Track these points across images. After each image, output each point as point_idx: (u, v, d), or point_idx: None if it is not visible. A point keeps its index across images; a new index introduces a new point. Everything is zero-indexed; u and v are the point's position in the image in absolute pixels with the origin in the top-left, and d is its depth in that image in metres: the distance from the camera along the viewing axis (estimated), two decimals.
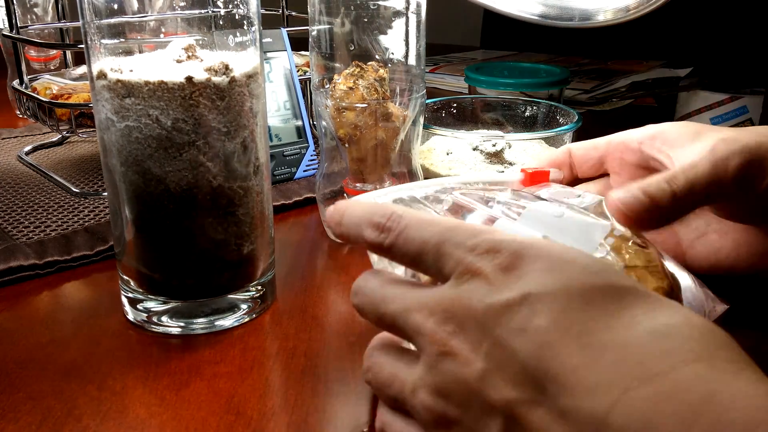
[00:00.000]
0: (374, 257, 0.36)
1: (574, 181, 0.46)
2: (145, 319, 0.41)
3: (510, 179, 0.43)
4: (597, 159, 0.44)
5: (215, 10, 0.38)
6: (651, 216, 0.34)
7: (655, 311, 0.23)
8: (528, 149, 0.60)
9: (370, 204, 0.30)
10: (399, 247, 0.28)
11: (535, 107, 0.67)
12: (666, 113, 0.83)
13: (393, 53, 0.49)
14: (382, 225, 0.28)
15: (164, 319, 0.40)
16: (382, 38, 0.49)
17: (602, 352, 0.22)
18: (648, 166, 0.42)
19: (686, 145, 0.38)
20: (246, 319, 0.41)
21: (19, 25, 0.67)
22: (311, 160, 0.66)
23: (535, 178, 0.43)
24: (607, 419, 0.21)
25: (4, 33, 0.68)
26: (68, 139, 0.78)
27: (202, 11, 0.38)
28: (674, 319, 0.23)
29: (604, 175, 0.46)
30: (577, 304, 0.23)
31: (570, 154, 0.45)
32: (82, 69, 0.74)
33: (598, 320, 0.23)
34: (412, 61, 0.50)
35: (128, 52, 0.37)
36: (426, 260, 0.27)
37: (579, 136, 0.53)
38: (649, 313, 0.23)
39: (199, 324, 0.40)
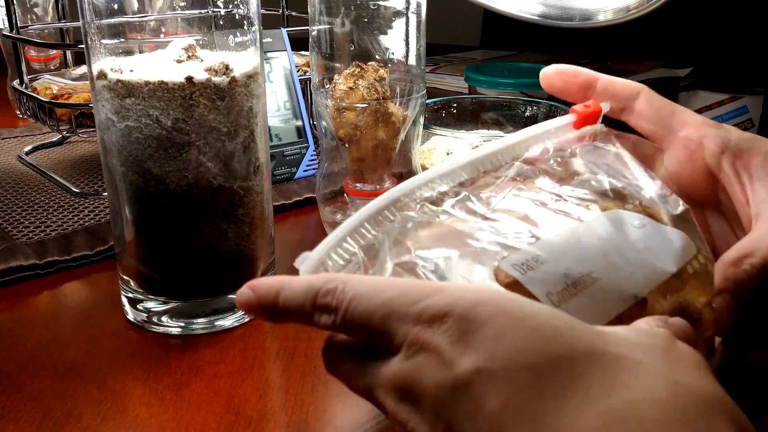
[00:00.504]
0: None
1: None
2: (145, 319, 0.41)
3: (559, 124, 0.36)
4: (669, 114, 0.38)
5: (215, 10, 0.38)
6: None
7: (615, 383, 0.20)
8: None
9: (309, 279, 0.26)
10: (346, 327, 0.25)
11: (535, 107, 0.67)
12: None
13: (393, 53, 0.49)
14: (326, 305, 0.25)
15: (164, 319, 0.40)
16: (382, 38, 0.49)
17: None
18: (712, 174, 0.36)
19: None
20: (246, 319, 0.41)
21: (19, 25, 0.67)
22: (311, 160, 0.66)
23: (587, 119, 0.36)
24: None
25: (4, 33, 0.68)
26: (68, 139, 0.78)
27: (202, 11, 0.38)
28: (636, 394, 0.20)
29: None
30: (528, 379, 0.21)
31: (643, 94, 0.38)
32: (82, 69, 0.74)
33: (549, 399, 0.20)
34: (412, 61, 0.50)
35: (128, 52, 0.37)
36: (374, 338, 0.25)
37: None
38: (607, 386, 0.20)
39: (199, 324, 0.40)
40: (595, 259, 0.27)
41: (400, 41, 0.49)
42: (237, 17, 0.38)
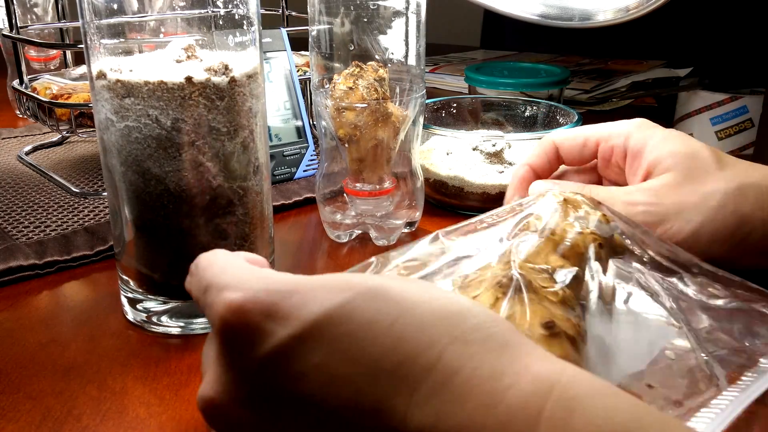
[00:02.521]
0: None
1: (558, 169, 0.48)
2: (145, 319, 0.41)
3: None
4: (582, 145, 0.45)
5: (215, 10, 0.38)
6: None
7: (409, 304, 0.23)
8: (528, 149, 0.60)
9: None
10: (192, 293, 0.28)
11: (535, 107, 0.67)
12: (666, 113, 0.83)
13: (393, 53, 0.49)
14: (190, 269, 0.28)
15: (164, 319, 0.40)
16: (382, 38, 0.49)
17: (380, 364, 0.22)
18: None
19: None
20: None
21: (19, 25, 0.67)
22: (311, 160, 0.66)
23: None
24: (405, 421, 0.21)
25: (4, 33, 0.68)
26: (68, 139, 0.78)
27: (202, 11, 0.38)
28: (396, 313, 0.23)
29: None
30: (323, 333, 0.23)
31: (554, 144, 0.46)
32: (82, 69, 0.74)
33: (359, 331, 0.23)
34: (412, 61, 0.50)
35: (128, 52, 0.37)
36: (201, 307, 0.27)
37: None
38: (405, 307, 0.23)
39: (199, 324, 0.40)
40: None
41: (399, 41, 0.49)
42: (237, 17, 0.38)
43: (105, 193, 0.55)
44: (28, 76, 0.70)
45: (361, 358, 0.22)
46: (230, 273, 0.25)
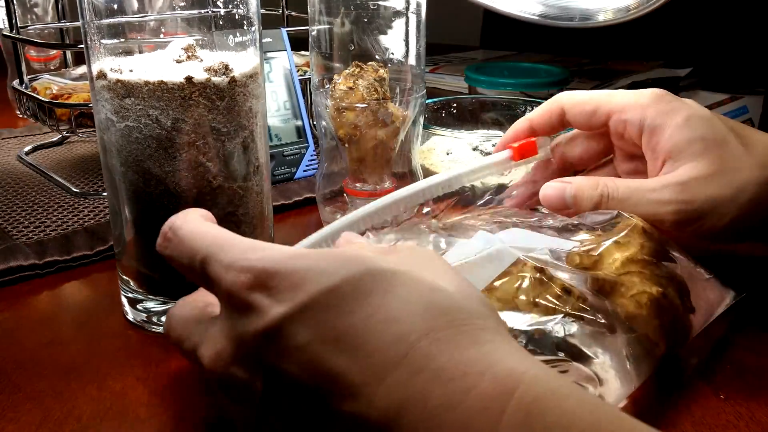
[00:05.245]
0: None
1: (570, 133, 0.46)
2: (145, 319, 0.41)
3: (498, 158, 0.43)
4: (591, 113, 0.42)
5: (215, 10, 0.38)
6: (567, 212, 0.40)
7: (390, 296, 0.24)
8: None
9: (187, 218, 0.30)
10: (175, 259, 0.29)
11: (535, 107, 0.67)
12: None
13: (393, 53, 0.49)
14: (164, 233, 0.29)
15: (164, 319, 0.40)
16: (382, 38, 0.49)
17: (355, 351, 0.23)
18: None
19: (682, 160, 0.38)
20: None
21: (19, 25, 0.67)
22: (311, 160, 0.66)
23: (523, 151, 0.43)
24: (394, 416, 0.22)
25: (4, 33, 0.68)
26: (68, 139, 0.78)
27: (202, 11, 0.38)
28: (401, 298, 0.24)
29: (608, 156, 0.45)
30: (324, 310, 0.24)
31: (562, 107, 0.44)
32: (82, 69, 0.74)
33: (345, 316, 0.24)
34: (412, 61, 0.50)
35: (128, 52, 0.37)
36: (197, 276, 0.28)
37: None
38: (387, 298, 0.24)
39: None
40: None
41: (400, 41, 0.49)
42: (237, 17, 0.38)
43: (105, 193, 0.55)
44: (28, 76, 0.70)
45: (341, 344, 0.23)
46: (228, 247, 0.27)
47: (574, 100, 0.43)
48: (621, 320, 0.31)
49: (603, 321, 0.30)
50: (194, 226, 0.29)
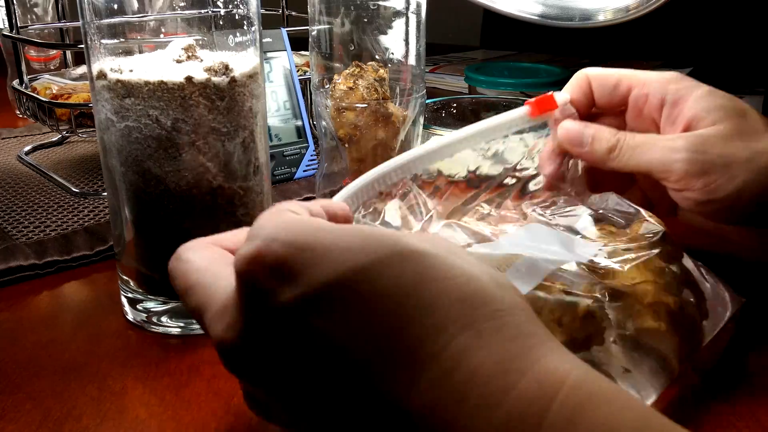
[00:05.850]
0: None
1: (591, 109, 0.43)
2: (145, 319, 0.41)
3: (515, 114, 0.41)
4: (613, 86, 0.41)
5: (215, 10, 0.38)
6: (582, 157, 0.40)
7: (423, 278, 0.22)
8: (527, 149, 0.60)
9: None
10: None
11: None
12: None
13: (393, 53, 0.49)
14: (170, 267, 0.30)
15: (164, 319, 0.40)
16: (382, 38, 0.49)
17: (386, 341, 0.21)
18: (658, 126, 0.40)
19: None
20: None
21: (19, 25, 0.67)
22: (311, 160, 0.66)
23: (542, 105, 0.41)
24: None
25: (4, 33, 0.68)
26: (68, 139, 0.78)
27: (202, 11, 0.38)
28: (435, 276, 0.22)
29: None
30: (343, 291, 0.22)
31: (588, 78, 0.42)
32: (82, 69, 0.74)
33: (371, 299, 0.22)
34: (412, 61, 0.50)
35: (128, 52, 0.37)
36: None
37: None
38: (413, 274, 0.22)
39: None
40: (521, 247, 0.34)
41: (399, 41, 0.49)
42: (237, 17, 0.38)
43: (105, 193, 0.55)
44: (28, 76, 0.70)
45: (367, 333, 0.21)
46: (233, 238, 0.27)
47: (597, 72, 0.42)
48: (639, 346, 0.31)
49: (624, 367, 0.31)
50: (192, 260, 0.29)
